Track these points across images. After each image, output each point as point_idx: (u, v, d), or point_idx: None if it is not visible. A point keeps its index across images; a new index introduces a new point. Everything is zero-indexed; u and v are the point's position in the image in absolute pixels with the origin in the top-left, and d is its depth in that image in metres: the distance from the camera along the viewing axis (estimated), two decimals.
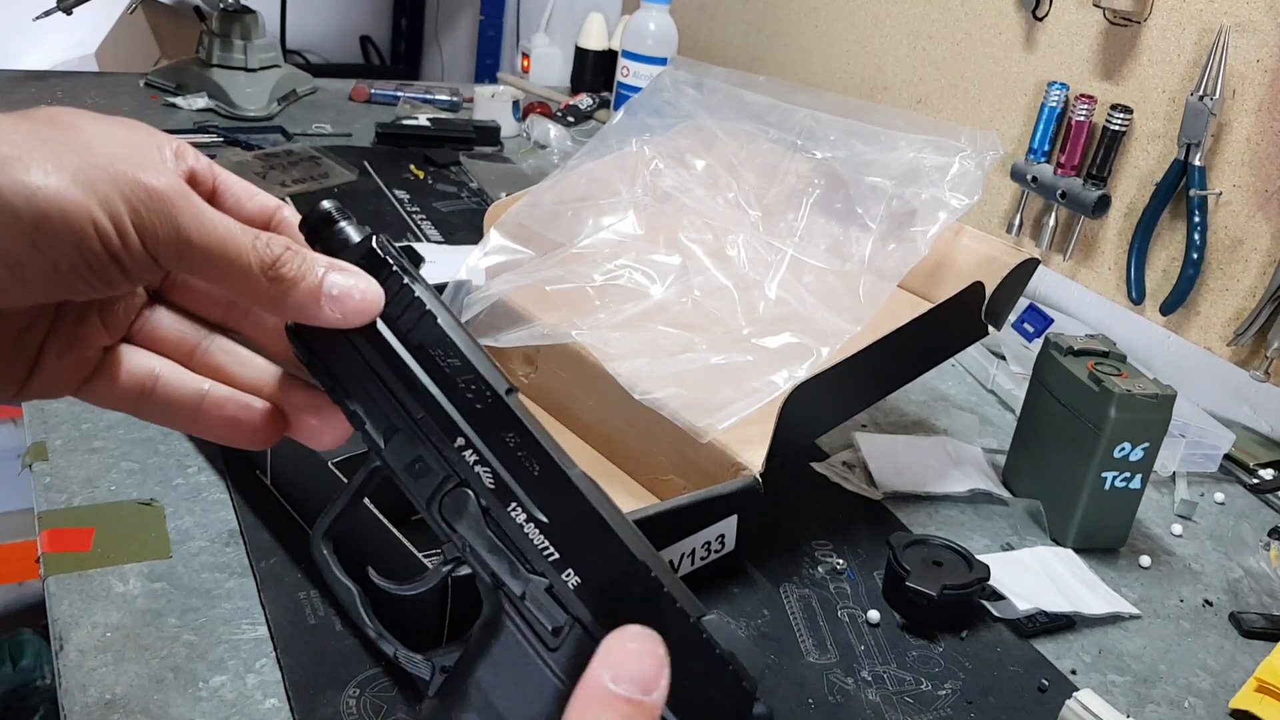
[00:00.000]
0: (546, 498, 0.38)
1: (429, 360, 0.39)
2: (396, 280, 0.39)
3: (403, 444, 0.39)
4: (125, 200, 0.34)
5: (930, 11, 1.42)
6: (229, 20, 1.62)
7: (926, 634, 0.73)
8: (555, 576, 0.38)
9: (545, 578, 0.38)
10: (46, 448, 0.77)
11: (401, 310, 0.39)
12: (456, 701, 0.38)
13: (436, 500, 0.39)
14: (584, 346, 0.82)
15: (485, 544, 0.38)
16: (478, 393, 0.38)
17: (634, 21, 1.71)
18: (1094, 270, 1.23)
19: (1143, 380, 0.82)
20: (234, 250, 0.36)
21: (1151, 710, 0.71)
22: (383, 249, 0.39)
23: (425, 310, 0.39)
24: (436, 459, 0.39)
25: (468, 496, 0.38)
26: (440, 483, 0.39)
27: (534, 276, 0.87)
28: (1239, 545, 0.91)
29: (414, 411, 0.39)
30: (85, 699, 0.57)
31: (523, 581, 0.38)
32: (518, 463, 0.38)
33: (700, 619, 0.37)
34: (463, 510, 0.38)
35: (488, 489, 0.38)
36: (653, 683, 0.34)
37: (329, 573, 0.41)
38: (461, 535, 0.39)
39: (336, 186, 1.37)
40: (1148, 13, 1.14)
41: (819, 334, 0.80)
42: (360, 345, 0.39)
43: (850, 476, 0.90)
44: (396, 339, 0.39)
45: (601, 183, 0.96)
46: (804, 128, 0.93)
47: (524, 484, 0.38)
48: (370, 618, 0.40)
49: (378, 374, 0.39)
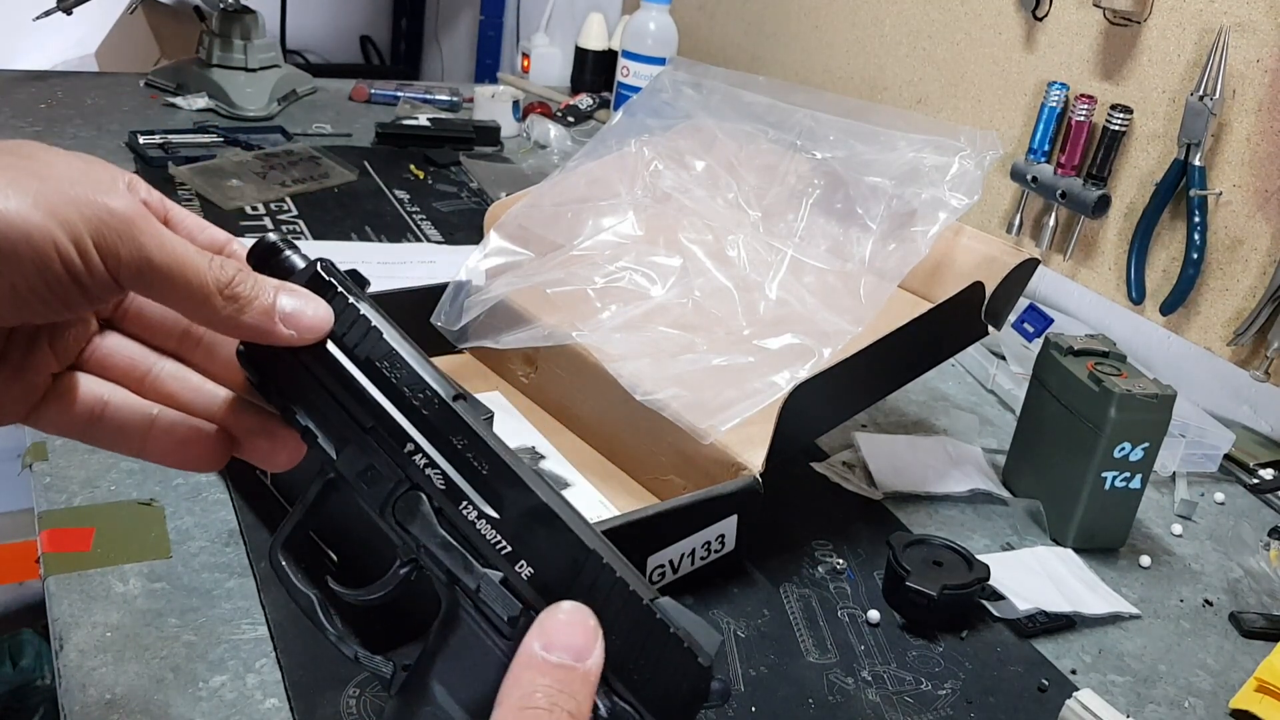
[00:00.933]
0: (496, 494, 0.39)
1: (376, 373, 0.40)
2: (342, 300, 0.41)
3: (354, 454, 0.40)
4: (87, 222, 0.35)
5: (930, 11, 1.42)
6: (229, 20, 1.62)
7: (926, 634, 0.73)
8: (509, 569, 0.39)
9: (499, 570, 0.39)
10: (46, 448, 0.77)
11: (348, 328, 0.41)
12: (417, 697, 0.39)
13: (390, 505, 0.40)
14: (584, 347, 0.82)
15: (438, 542, 0.39)
16: (425, 400, 0.40)
17: (634, 21, 1.71)
18: (1094, 270, 1.23)
19: (1143, 380, 0.82)
20: (192, 270, 0.37)
21: (1151, 710, 0.71)
22: (328, 272, 0.41)
23: (371, 326, 0.41)
24: (388, 465, 0.40)
25: (420, 499, 0.40)
26: (392, 488, 0.40)
27: (535, 279, 0.87)
28: (1239, 545, 0.91)
29: (364, 421, 0.40)
30: (85, 699, 0.57)
31: (476, 576, 0.39)
32: (467, 463, 0.40)
33: (653, 601, 0.39)
34: (415, 512, 0.40)
35: (438, 490, 0.40)
36: (585, 650, 0.36)
37: (288, 582, 0.42)
38: (415, 536, 0.40)
39: (336, 186, 1.37)
40: (1148, 13, 1.14)
41: (820, 335, 0.80)
42: (310, 363, 0.40)
43: (850, 476, 0.90)
44: (344, 355, 0.40)
45: (601, 184, 0.96)
46: (803, 128, 0.93)
47: (474, 482, 0.40)
48: (330, 622, 0.42)
49: (327, 389, 0.40)
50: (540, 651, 0.35)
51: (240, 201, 1.27)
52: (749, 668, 0.68)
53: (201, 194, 1.28)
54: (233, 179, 1.32)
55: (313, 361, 0.40)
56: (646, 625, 0.38)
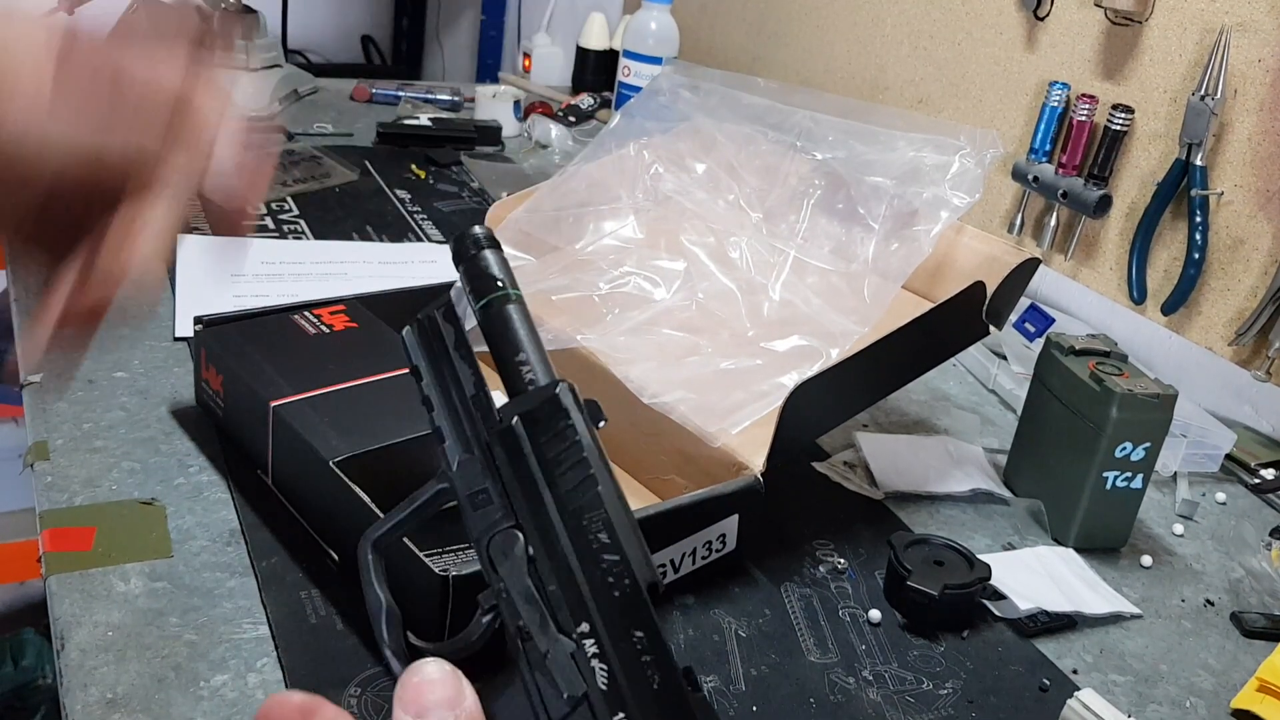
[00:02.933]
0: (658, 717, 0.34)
1: (579, 530, 0.36)
2: (570, 434, 0.37)
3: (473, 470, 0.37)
4: None
5: (931, 11, 1.42)
6: (230, 20, 1.62)
7: (928, 633, 0.73)
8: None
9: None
10: (48, 447, 0.77)
11: (566, 468, 0.37)
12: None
13: (487, 537, 0.37)
14: (588, 349, 0.82)
15: (522, 592, 0.36)
16: (618, 577, 0.35)
17: (635, 21, 1.71)
18: (1095, 270, 1.23)
19: (1144, 380, 0.82)
20: None
21: (1153, 710, 0.71)
22: (565, 399, 0.38)
23: (589, 473, 0.36)
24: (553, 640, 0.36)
25: (516, 539, 0.36)
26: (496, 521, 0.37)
27: (538, 286, 0.87)
28: (1240, 545, 0.91)
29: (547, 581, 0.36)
30: (86, 698, 0.57)
31: (550, 639, 0.35)
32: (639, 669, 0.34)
33: None
34: (509, 553, 0.37)
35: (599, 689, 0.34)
36: (456, 696, 0.34)
37: (366, 578, 0.40)
38: (506, 584, 0.36)
39: (338, 186, 1.37)
40: (1149, 12, 1.14)
41: (827, 336, 0.80)
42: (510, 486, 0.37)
43: (851, 476, 0.90)
44: (553, 500, 0.37)
45: (601, 187, 0.96)
46: (803, 129, 0.93)
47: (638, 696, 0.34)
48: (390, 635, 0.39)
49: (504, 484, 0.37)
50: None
51: None
52: (750, 667, 0.68)
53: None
54: None
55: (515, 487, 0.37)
56: None
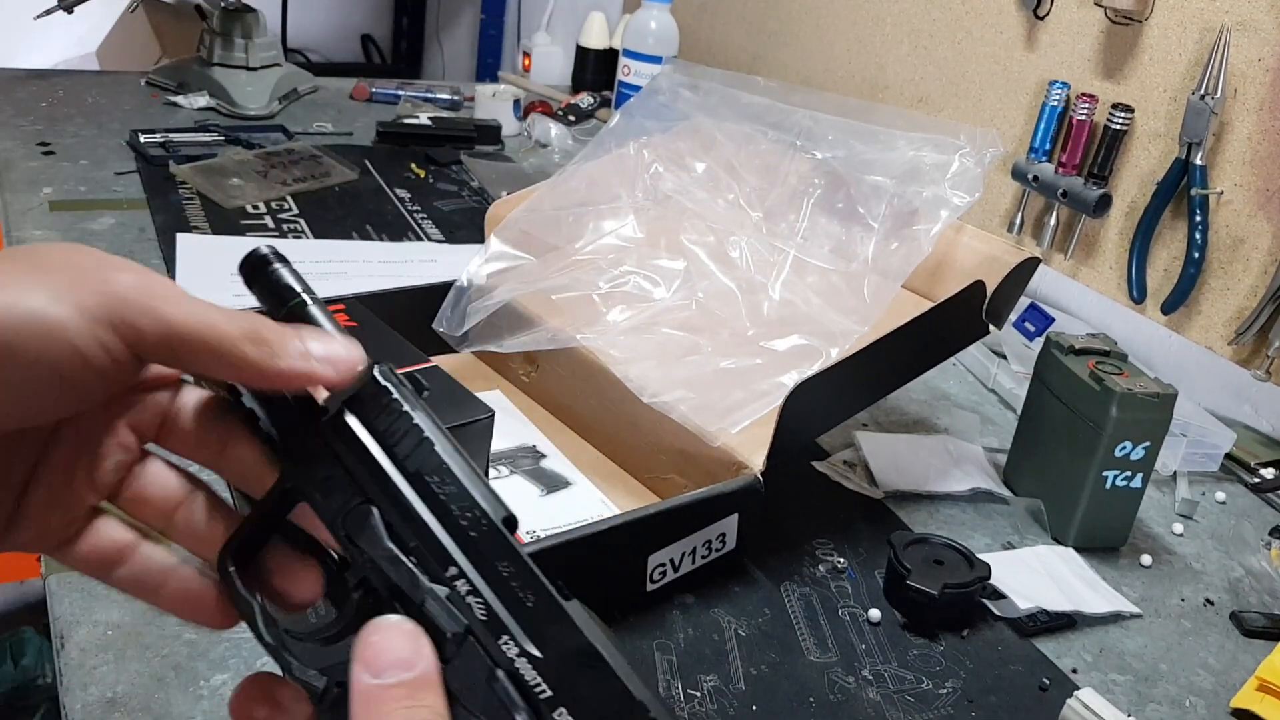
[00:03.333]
0: (540, 631, 0.37)
1: (425, 487, 0.38)
2: (396, 407, 0.39)
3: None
4: (102, 306, 0.34)
5: (931, 10, 1.42)
6: (230, 19, 1.62)
7: (927, 633, 0.73)
8: (547, 715, 0.36)
9: (539, 716, 0.36)
10: None
11: (399, 438, 0.39)
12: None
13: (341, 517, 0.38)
14: (588, 348, 0.82)
15: (387, 557, 0.37)
16: (473, 520, 0.38)
17: (635, 20, 1.71)
18: (1095, 269, 1.23)
19: (1144, 379, 0.82)
20: (215, 325, 0.36)
21: (1152, 709, 0.71)
22: (384, 376, 0.39)
23: (424, 437, 0.38)
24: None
25: (370, 512, 0.38)
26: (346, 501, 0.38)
27: (539, 285, 0.87)
28: (1240, 544, 0.91)
29: (408, 540, 0.38)
30: (86, 697, 0.57)
31: (423, 590, 0.36)
32: (511, 593, 0.37)
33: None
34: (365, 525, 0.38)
35: (479, 620, 0.37)
36: (414, 656, 0.34)
37: (233, 588, 0.40)
38: (363, 550, 0.38)
39: (338, 185, 1.37)
40: (1149, 12, 1.14)
41: (827, 335, 0.80)
42: (355, 471, 0.39)
43: (851, 475, 0.90)
44: (393, 466, 0.38)
45: (601, 186, 0.96)
46: (802, 128, 0.93)
47: (517, 615, 0.37)
48: (268, 634, 0.39)
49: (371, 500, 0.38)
50: (373, 680, 0.34)
51: (241, 200, 1.27)
52: (750, 666, 0.68)
53: (202, 193, 1.28)
54: (234, 178, 1.32)
55: (358, 468, 0.38)
56: None
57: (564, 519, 0.74)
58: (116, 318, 0.34)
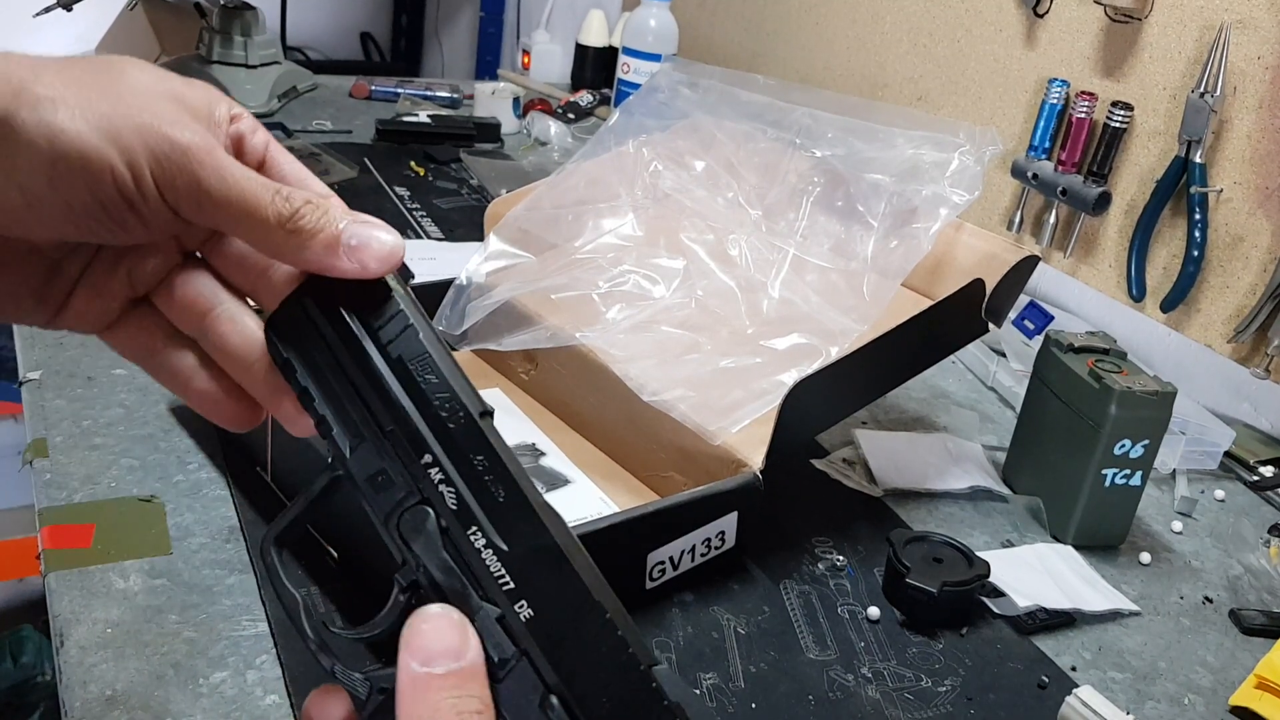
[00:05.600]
0: (508, 525, 0.37)
1: (406, 374, 0.39)
2: (384, 290, 0.39)
3: (368, 455, 0.39)
4: (147, 150, 0.36)
5: (931, 8, 1.42)
6: (229, 17, 1.62)
7: (926, 630, 0.73)
8: (508, 606, 0.37)
9: (498, 606, 0.37)
10: (47, 444, 0.77)
11: (386, 321, 0.39)
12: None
13: (396, 516, 0.38)
14: (587, 346, 0.82)
15: (439, 565, 0.37)
16: (451, 412, 0.38)
17: (634, 18, 1.71)
18: (1094, 267, 1.23)
19: (1143, 377, 0.82)
20: (253, 203, 0.37)
21: (1151, 707, 0.71)
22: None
23: (409, 324, 0.39)
24: (401, 473, 0.38)
25: (427, 515, 0.38)
26: (401, 499, 0.38)
27: (538, 284, 0.87)
28: (1239, 542, 0.91)
29: (384, 423, 0.38)
30: (86, 695, 0.57)
31: (473, 608, 0.37)
32: (484, 487, 0.38)
33: (651, 668, 0.36)
34: (421, 528, 0.38)
35: (449, 509, 0.38)
36: (462, 647, 0.35)
37: (276, 579, 0.40)
38: (417, 554, 0.38)
39: (337, 183, 1.37)
40: (1148, 9, 1.14)
41: (827, 334, 0.80)
42: (339, 351, 0.39)
43: (850, 473, 0.90)
44: (376, 349, 0.39)
45: (600, 185, 0.96)
46: (802, 126, 0.93)
47: (487, 508, 0.38)
48: (312, 629, 0.40)
49: (352, 382, 0.39)
50: (422, 669, 0.34)
51: None
52: (749, 664, 0.68)
53: None
54: None
55: (342, 350, 0.39)
56: (641, 692, 0.36)
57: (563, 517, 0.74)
58: (155, 165, 0.36)
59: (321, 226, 0.38)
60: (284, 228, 0.37)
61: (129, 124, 0.35)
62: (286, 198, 0.38)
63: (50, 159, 0.34)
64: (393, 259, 0.39)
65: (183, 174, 0.36)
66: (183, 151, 0.36)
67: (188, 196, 0.36)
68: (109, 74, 0.37)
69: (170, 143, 0.36)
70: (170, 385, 0.42)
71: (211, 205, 0.37)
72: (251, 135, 0.41)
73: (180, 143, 0.36)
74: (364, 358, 0.39)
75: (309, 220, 0.38)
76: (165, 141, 0.36)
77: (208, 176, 0.36)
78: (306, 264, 0.39)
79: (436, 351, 0.39)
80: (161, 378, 0.42)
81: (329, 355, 0.39)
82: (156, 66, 0.38)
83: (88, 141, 0.35)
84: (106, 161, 0.35)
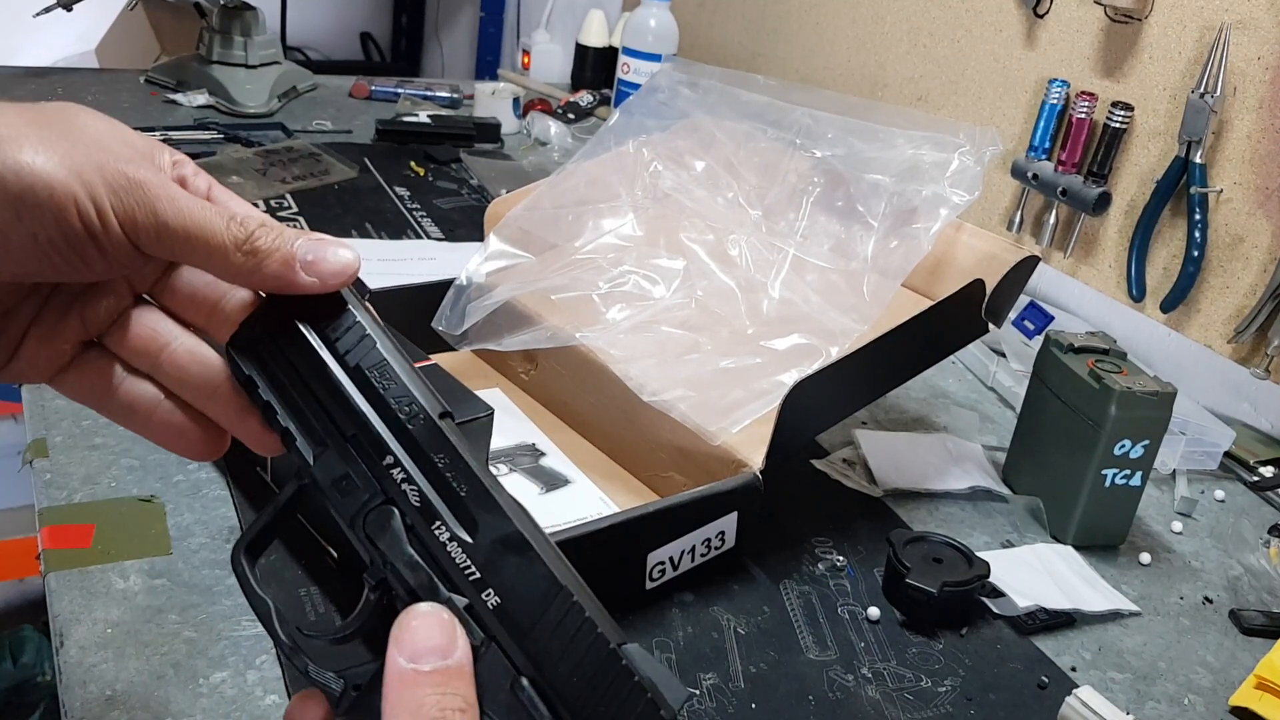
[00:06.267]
0: (471, 517, 0.38)
1: (364, 381, 0.40)
2: (339, 304, 0.41)
3: (331, 461, 0.40)
4: (106, 185, 0.37)
5: (931, 9, 1.42)
6: (229, 17, 1.62)
7: (926, 631, 0.73)
8: (475, 596, 0.38)
9: (465, 597, 0.38)
10: (47, 444, 0.77)
11: (342, 333, 0.40)
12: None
13: (361, 517, 0.39)
14: (587, 346, 0.82)
15: (406, 560, 0.38)
16: (410, 414, 0.40)
17: (634, 18, 1.71)
18: (1094, 268, 1.23)
19: (1143, 378, 0.82)
20: (210, 229, 0.39)
21: (1151, 707, 0.71)
22: None
23: (365, 334, 0.40)
24: (364, 476, 0.39)
25: (392, 514, 0.39)
26: (366, 500, 0.39)
27: (538, 285, 0.87)
28: (1239, 543, 0.91)
29: (345, 429, 0.40)
30: (86, 695, 0.57)
31: (441, 600, 0.38)
32: (445, 483, 0.39)
33: (620, 646, 0.37)
34: (386, 527, 0.39)
35: (413, 506, 0.39)
36: (450, 645, 0.36)
37: (246, 585, 0.41)
38: (383, 552, 0.39)
39: (337, 183, 1.37)
40: (1149, 10, 1.14)
41: (827, 334, 0.80)
42: (298, 364, 0.40)
43: (850, 473, 0.90)
44: (334, 360, 0.40)
45: (600, 185, 0.96)
46: (801, 126, 0.93)
47: (450, 503, 0.39)
48: (285, 633, 0.41)
49: (312, 392, 0.40)
50: (409, 665, 0.35)
51: None
52: (749, 665, 0.68)
53: None
54: (233, 176, 1.32)
55: (300, 362, 0.40)
56: (611, 670, 0.37)
57: (563, 517, 0.75)
58: (115, 199, 0.37)
59: (277, 246, 0.39)
60: (241, 250, 0.39)
61: (89, 161, 0.37)
62: (241, 222, 0.39)
63: (17, 192, 0.36)
64: (348, 272, 0.40)
65: (141, 207, 0.37)
66: (139, 185, 0.37)
67: (147, 228, 0.38)
68: (63, 117, 0.38)
69: (127, 178, 0.37)
70: (128, 423, 0.43)
71: (170, 236, 0.38)
72: (194, 177, 0.42)
73: (136, 178, 0.37)
74: (322, 368, 0.40)
75: (264, 241, 0.39)
76: (122, 176, 0.37)
77: (164, 209, 0.38)
78: (265, 283, 0.40)
79: (394, 358, 0.40)
80: (118, 417, 0.43)
81: (289, 369, 0.40)
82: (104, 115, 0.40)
83: (54, 175, 0.36)
84: (71, 194, 0.36)
